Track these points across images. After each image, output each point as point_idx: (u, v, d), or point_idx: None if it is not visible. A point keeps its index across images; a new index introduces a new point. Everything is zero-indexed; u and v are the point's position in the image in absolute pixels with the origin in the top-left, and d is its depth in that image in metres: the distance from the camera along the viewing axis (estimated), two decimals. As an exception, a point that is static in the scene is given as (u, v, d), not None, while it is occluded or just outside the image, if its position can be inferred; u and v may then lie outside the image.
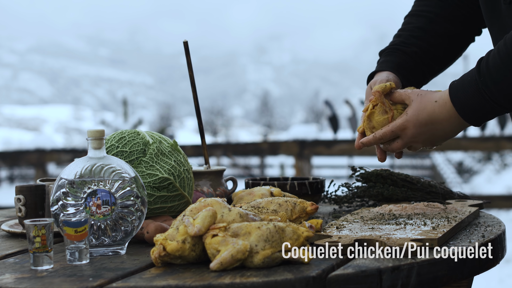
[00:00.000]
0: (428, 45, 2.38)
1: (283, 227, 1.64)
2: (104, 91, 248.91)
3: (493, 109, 1.96)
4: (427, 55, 2.37)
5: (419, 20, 2.41)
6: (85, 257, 1.72)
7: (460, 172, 20.28)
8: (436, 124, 2.05)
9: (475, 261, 1.77)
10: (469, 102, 1.97)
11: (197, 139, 31.17)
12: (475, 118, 2.01)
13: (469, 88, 1.96)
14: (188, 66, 2.45)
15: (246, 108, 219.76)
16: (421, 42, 2.38)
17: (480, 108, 1.97)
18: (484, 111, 1.97)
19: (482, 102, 1.95)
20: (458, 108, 1.99)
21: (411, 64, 2.35)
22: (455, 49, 2.43)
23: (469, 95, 1.96)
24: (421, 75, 2.39)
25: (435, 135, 2.09)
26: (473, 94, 1.96)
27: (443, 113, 2.03)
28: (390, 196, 2.55)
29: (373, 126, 2.16)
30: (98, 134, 1.85)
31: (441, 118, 2.03)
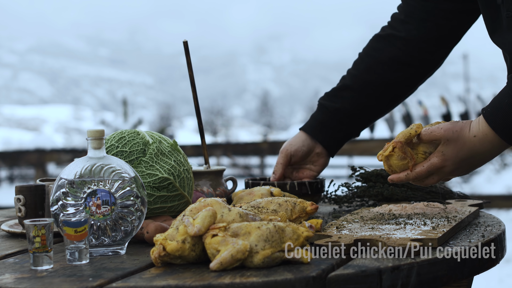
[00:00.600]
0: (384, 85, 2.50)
1: (283, 227, 1.64)
2: (104, 91, 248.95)
3: None
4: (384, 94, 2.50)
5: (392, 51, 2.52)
6: (85, 257, 1.72)
7: (460, 172, 20.23)
8: (477, 156, 2.00)
9: (475, 261, 1.77)
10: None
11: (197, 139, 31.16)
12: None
13: (508, 112, 1.91)
14: (188, 66, 2.45)
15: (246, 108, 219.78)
16: (352, 93, 2.50)
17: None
18: None
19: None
20: (503, 135, 1.93)
21: (348, 110, 2.49)
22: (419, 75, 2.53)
23: (510, 118, 1.91)
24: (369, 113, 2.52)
25: (474, 165, 2.04)
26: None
27: (484, 145, 1.97)
28: (390, 196, 2.55)
29: (390, 165, 2.08)
30: (98, 134, 1.85)
31: (482, 150, 1.98)
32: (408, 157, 2.05)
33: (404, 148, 2.04)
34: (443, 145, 2.01)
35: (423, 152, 2.06)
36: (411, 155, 2.05)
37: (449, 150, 2.00)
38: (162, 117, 72.62)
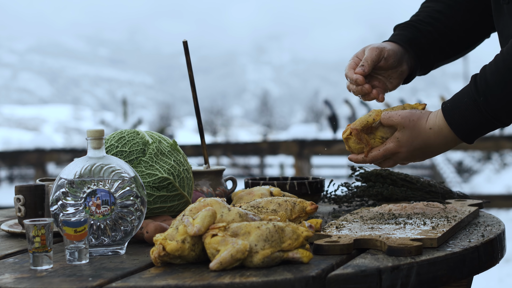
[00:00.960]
0: (445, 28, 2.32)
1: (283, 227, 1.64)
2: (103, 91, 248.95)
3: (493, 126, 1.94)
4: (443, 38, 2.32)
5: (438, 5, 2.36)
6: (85, 257, 1.72)
7: (459, 172, 20.28)
8: (431, 147, 2.03)
9: (475, 260, 1.77)
10: (469, 124, 1.94)
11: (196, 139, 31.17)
12: (473, 137, 1.98)
13: (467, 110, 1.93)
14: (187, 66, 2.45)
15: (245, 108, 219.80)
16: (438, 24, 2.32)
17: (479, 128, 1.94)
18: (482, 129, 1.95)
19: (482, 122, 1.92)
20: (457, 131, 1.96)
21: (424, 42, 2.29)
22: (471, 40, 2.37)
23: (467, 117, 1.93)
24: (432, 56, 2.32)
25: (427, 155, 2.08)
26: (472, 115, 1.93)
27: (439, 139, 2.00)
28: (390, 195, 2.55)
29: (349, 146, 2.13)
30: (97, 134, 1.85)
31: (436, 143, 2.01)
32: (363, 143, 2.09)
33: (359, 135, 2.09)
34: (399, 131, 2.04)
35: (380, 137, 2.09)
36: (367, 141, 2.09)
37: (404, 137, 2.03)
38: (162, 117, 72.64)
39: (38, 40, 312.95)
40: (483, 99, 1.90)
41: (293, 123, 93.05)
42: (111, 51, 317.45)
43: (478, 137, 1.99)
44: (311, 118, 79.11)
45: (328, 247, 1.73)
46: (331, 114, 10.44)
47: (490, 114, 1.90)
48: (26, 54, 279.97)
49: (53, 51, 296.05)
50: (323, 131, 29.63)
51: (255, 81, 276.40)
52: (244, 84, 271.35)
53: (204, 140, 2.52)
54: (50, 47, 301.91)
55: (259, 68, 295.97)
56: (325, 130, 30.87)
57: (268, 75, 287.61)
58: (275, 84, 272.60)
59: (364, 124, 2.08)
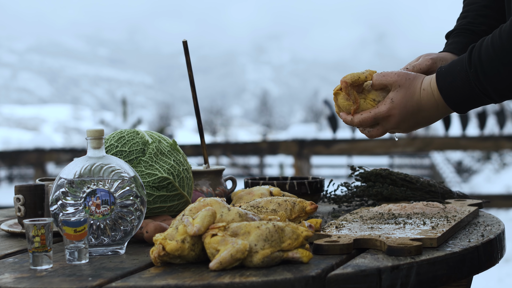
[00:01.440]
0: (496, 23, 2.26)
1: (283, 227, 1.64)
2: (103, 91, 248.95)
3: (482, 100, 1.90)
4: None
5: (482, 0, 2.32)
6: (85, 257, 1.72)
7: (459, 172, 20.30)
8: (423, 112, 1.97)
9: (474, 260, 1.77)
10: (458, 92, 1.90)
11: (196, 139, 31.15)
12: (463, 107, 1.94)
13: (458, 78, 1.89)
14: (187, 66, 2.45)
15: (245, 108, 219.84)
16: (489, 20, 2.28)
17: (468, 99, 1.90)
18: (472, 101, 1.90)
19: (471, 93, 1.88)
20: (446, 98, 1.92)
21: None
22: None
23: (457, 85, 1.89)
24: None
25: (418, 123, 2.01)
26: (462, 85, 1.88)
27: (430, 101, 1.95)
28: (390, 195, 2.55)
29: (338, 104, 2.05)
30: (97, 134, 1.85)
31: (428, 106, 1.96)
32: (351, 99, 2.01)
33: (348, 89, 2.01)
34: (393, 91, 1.98)
35: (372, 100, 2.02)
36: (355, 99, 2.01)
37: (398, 97, 1.97)
38: (162, 116, 72.66)
39: (38, 40, 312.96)
40: (473, 71, 1.86)
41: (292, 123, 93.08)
42: (111, 51, 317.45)
43: (468, 108, 1.94)
44: (310, 118, 79.12)
45: (328, 247, 1.73)
46: (330, 114, 10.44)
47: (479, 88, 1.86)
48: (26, 54, 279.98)
49: (52, 51, 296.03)
50: (322, 131, 29.66)
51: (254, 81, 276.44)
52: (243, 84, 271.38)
53: (203, 140, 2.52)
54: (49, 47, 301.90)
55: (258, 68, 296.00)
56: (324, 130, 30.89)
57: (268, 75, 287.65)
58: (275, 84, 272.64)
59: (355, 79, 2.00)
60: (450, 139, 9.53)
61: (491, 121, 11.22)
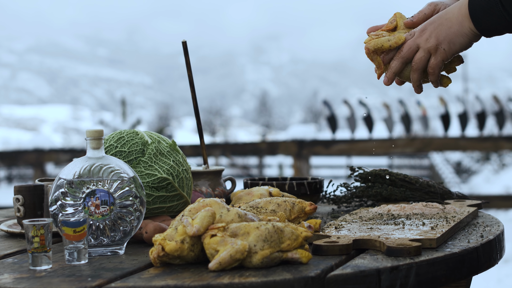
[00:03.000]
0: None
1: (282, 227, 1.64)
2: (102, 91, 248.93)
3: (497, 10, 1.88)
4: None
5: None
6: (84, 257, 1.72)
7: (458, 172, 20.30)
8: (448, 13, 1.98)
9: (474, 261, 1.77)
10: (481, 1, 1.90)
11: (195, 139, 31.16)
12: (478, 14, 1.92)
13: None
14: (186, 66, 2.45)
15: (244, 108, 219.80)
16: None
17: (486, 3, 1.89)
18: (488, 7, 1.89)
19: (492, 3, 1.88)
20: (471, 5, 1.92)
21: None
22: None
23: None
24: None
25: (442, 25, 1.98)
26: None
27: (459, 3, 1.96)
28: (389, 196, 2.55)
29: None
30: (96, 134, 1.85)
31: (454, 6, 1.97)
32: (375, 65, 2.02)
33: (371, 55, 2.02)
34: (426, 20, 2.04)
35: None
36: (379, 64, 2.02)
37: (428, 21, 2.01)
38: (161, 117, 72.63)
39: (37, 40, 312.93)
40: None
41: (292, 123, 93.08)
42: (110, 51, 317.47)
43: (485, 23, 1.92)
44: (310, 118, 79.10)
45: (327, 247, 1.73)
46: (329, 114, 10.44)
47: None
48: (25, 54, 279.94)
49: (52, 51, 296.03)
50: (322, 131, 29.66)
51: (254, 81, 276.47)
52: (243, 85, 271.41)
53: (203, 140, 2.52)
54: (49, 47, 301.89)
55: (258, 68, 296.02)
56: (324, 130, 30.90)
57: (267, 75, 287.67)
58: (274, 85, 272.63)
59: (378, 47, 2.01)
60: (449, 140, 9.53)
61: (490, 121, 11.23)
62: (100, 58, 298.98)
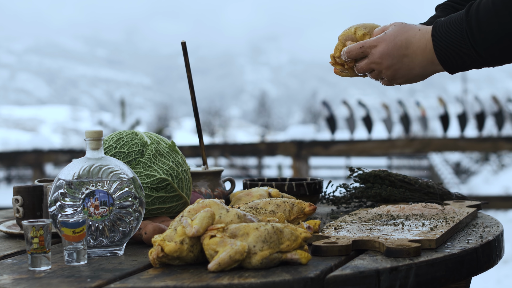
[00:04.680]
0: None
1: (281, 228, 1.64)
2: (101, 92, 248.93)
3: (469, 56, 1.84)
4: None
5: None
6: (83, 258, 1.71)
7: (457, 173, 20.31)
8: (409, 50, 1.93)
9: (473, 262, 1.77)
10: (448, 39, 1.86)
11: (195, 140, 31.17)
12: (448, 59, 1.88)
13: (453, 26, 1.85)
14: (186, 67, 2.45)
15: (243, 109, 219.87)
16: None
17: (456, 49, 1.86)
18: (460, 54, 1.86)
19: (461, 43, 1.84)
20: (436, 41, 1.88)
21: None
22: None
23: (450, 32, 1.86)
24: None
25: (402, 64, 1.95)
26: (455, 33, 1.85)
27: (421, 41, 1.91)
28: (388, 197, 2.55)
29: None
30: (96, 135, 1.85)
31: (416, 45, 1.92)
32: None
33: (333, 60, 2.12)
34: (389, 27, 1.99)
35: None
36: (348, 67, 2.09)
37: (391, 31, 1.97)
38: (160, 117, 72.66)
39: (36, 41, 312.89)
40: (469, 19, 1.83)
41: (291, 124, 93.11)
42: (109, 51, 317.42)
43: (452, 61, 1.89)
44: (309, 119, 79.12)
45: (326, 248, 1.73)
46: (329, 115, 10.44)
47: (469, 36, 1.82)
48: (24, 55, 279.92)
49: (51, 51, 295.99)
50: (321, 132, 29.67)
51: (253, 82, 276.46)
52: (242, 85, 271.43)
53: (202, 141, 2.52)
54: (48, 48, 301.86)
55: (257, 69, 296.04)
56: (323, 131, 30.91)
57: (266, 76, 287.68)
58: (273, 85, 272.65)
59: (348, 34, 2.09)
60: (448, 140, 9.54)
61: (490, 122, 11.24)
62: (99, 59, 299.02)
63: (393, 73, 1.98)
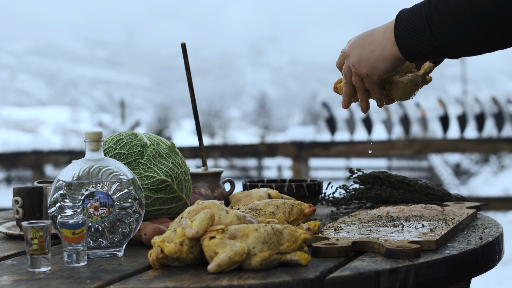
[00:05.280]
0: None
1: (281, 229, 1.64)
2: (101, 93, 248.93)
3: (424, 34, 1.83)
4: None
5: None
6: (83, 259, 1.71)
7: (457, 174, 20.31)
8: (373, 36, 1.95)
9: (473, 263, 1.77)
10: (408, 18, 1.86)
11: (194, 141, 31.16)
12: (404, 39, 1.88)
13: (416, 7, 1.86)
14: (186, 68, 2.45)
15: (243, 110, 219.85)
16: None
17: (413, 28, 1.85)
18: (415, 31, 1.85)
19: (418, 21, 1.84)
20: (397, 21, 1.89)
21: None
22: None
23: (412, 11, 1.86)
24: None
25: (364, 49, 1.95)
26: (415, 12, 1.85)
27: (385, 25, 1.93)
28: (388, 198, 2.55)
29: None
30: (95, 136, 1.85)
31: (380, 29, 1.94)
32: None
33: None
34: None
35: None
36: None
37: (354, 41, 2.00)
38: (160, 118, 72.65)
39: (36, 42, 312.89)
40: (428, 3, 1.83)
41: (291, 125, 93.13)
42: (109, 53, 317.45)
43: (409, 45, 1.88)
44: (309, 120, 79.11)
45: (326, 249, 1.73)
46: (328, 116, 10.44)
47: (428, 20, 1.81)
48: (24, 56, 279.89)
49: (50, 52, 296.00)
50: (320, 133, 29.68)
51: (252, 83, 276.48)
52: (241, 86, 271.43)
53: (202, 142, 2.52)
54: (47, 49, 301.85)
55: (256, 70, 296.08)
56: (322, 132, 30.92)
57: (266, 77, 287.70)
58: (273, 86, 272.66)
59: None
60: (448, 142, 9.54)
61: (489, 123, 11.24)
62: (99, 60, 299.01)
63: (358, 60, 1.98)
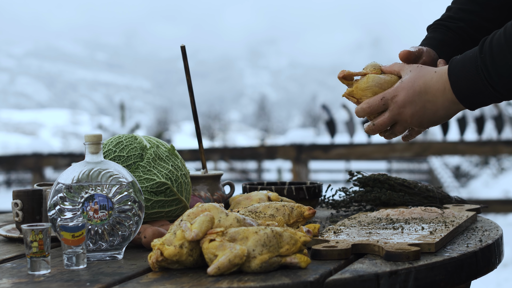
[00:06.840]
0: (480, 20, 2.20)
1: (281, 232, 1.64)
2: (101, 95, 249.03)
3: (487, 92, 1.83)
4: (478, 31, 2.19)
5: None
6: (83, 262, 1.71)
7: (457, 177, 20.30)
8: (429, 94, 1.90)
9: (473, 265, 1.77)
10: (464, 78, 1.84)
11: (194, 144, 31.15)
12: (467, 97, 1.86)
13: (468, 64, 1.83)
14: (185, 71, 2.45)
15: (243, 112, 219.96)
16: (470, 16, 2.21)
17: (473, 86, 1.83)
18: (477, 90, 1.84)
19: (477, 80, 1.82)
20: (453, 81, 1.86)
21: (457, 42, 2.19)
22: None
23: (465, 70, 1.83)
24: None
25: (425, 109, 1.92)
26: (470, 71, 1.82)
27: (439, 83, 1.89)
28: (388, 200, 2.54)
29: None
30: (95, 139, 1.85)
31: (435, 88, 1.89)
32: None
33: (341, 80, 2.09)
34: (404, 72, 1.97)
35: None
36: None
37: (407, 77, 1.94)
38: (160, 121, 72.74)
39: (36, 45, 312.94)
40: (483, 57, 1.81)
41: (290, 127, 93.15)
42: (109, 55, 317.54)
43: (471, 99, 1.87)
44: (308, 122, 79.17)
45: (326, 252, 1.73)
46: (328, 118, 10.44)
47: (485, 74, 1.80)
48: (24, 59, 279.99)
49: (50, 55, 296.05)
50: (320, 135, 29.68)
51: (252, 86, 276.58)
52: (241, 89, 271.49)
53: (201, 144, 2.52)
54: (47, 52, 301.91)
55: (256, 72, 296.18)
56: (322, 134, 30.92)
57: (266, 80, 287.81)
58: (273, 89, 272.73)
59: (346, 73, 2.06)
60: (448, 144, 9.54)
61: (489, 126, 11.25)
62: (99, 63, 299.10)
63: (419, 120, 1.95)
